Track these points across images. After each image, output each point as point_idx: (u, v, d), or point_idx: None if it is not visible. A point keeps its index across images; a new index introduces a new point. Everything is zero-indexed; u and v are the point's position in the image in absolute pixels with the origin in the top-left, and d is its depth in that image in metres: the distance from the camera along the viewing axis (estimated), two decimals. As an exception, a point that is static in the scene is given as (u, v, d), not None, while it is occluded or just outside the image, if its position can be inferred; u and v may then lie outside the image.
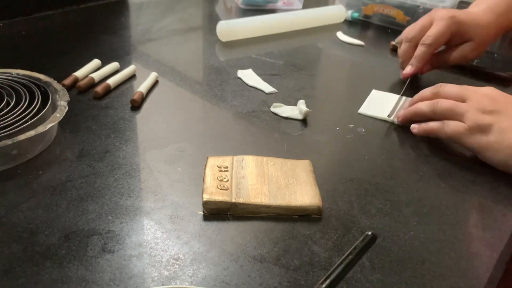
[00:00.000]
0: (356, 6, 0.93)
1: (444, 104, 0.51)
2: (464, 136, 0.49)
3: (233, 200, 0.40)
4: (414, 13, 0.87)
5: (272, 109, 0.58)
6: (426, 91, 0.54)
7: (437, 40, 0.62)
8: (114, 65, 0.64)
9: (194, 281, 0.34)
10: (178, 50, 0.75)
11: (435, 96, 0.53)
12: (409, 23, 0.87)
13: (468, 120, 0.48)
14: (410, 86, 0.63)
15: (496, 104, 0.48)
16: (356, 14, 0.92)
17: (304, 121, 0.56)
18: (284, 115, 0.56)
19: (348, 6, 0.93)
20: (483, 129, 0.47)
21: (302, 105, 0.56)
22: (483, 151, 0.48)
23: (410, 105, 0.55)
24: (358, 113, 0.58)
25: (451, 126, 0.50)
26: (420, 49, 0.63)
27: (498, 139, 0.46)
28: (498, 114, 0.47)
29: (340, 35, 0.84)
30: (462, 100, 0.50)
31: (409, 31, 0.65)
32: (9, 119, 0.46)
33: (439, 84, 0.54)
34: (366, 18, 0.93)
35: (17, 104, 0.48)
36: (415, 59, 0.63)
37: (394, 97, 0.62)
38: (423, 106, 0.53)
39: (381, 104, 0.60)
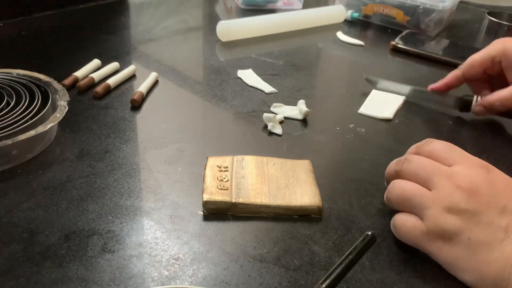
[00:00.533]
0: (356, 6, 0.93)
1: (399, 189, 0.38)
2: (422, 242, 0.36)
3: (233, 200, 0.40)
4: (414, 13, 0.87)
5: (272, 109, 0.58)
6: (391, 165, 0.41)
7: (468, 66, 0.57)
8: (114, 65, 0.64)
9: (194, 281, 0.34)
10: (178, 50, 0.75)
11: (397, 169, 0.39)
12: (409, 23, 0.88)
13: (427, 220, 0.35)
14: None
15: (473, 201, 0.33)
16: (356, 14, 0.92)
17: (304, 121, 0.56)
18: (284, 115, 0.56)
19: (348, 6, 0.93)
20: (446, 236, 0.34)
21: (302, 105, 0.56)
22: (446, 266, 0.35)
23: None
24: (358, 113, 0.58)
25: (404, 226, 0.37)
26: (453, 72, 0.59)
27: (465, 254, 0.33)
28: (471, 217, 0.33)
29: (340, 35, 0.84)
30: (428, 182, 0.36)
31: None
32: (9, 119, 0.46)
33: (420, 147, 0.40)
34: (366, 18, 0.93)
35: (17, 104, 0.48)
36: (443, 79, 0.59)
37: (395, 97, 0.62)
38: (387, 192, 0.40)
39: (382, 104, 0.60)
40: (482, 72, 0.57)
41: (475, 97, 0.57)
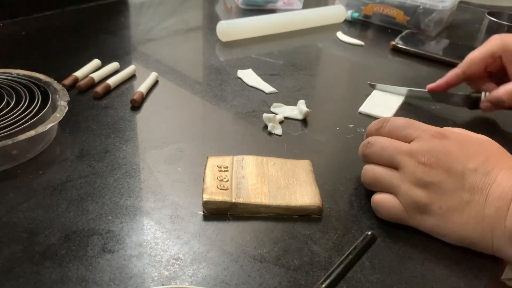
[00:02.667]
0: (356, 6, 0.93)
1: (370, 173, 0.41)
2: (404, 219, 0.39)
3: (233, 200, 0.40)
4: (414, 13, 0.87)
5: (272, 109, 0.58)
6: (369, 131, 0.44)
7: (468, 64, 0.56)
8: (114, 65, 0.64)
9: (194, 281, 0.34)
10: (178, 50, 0.75)
11: (366, 152, 0.42)
12: (409, 23, 0.88)
13: (402, 198, 0.38)
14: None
15: (434, 173, 0.36)
16: (356, 14, 0.92)
17: (304, 121, 0.56)
18: (284, 115, 0.56)
19: (348, 6, 0.93)
20: (421, 209, 0.37)
21: (302, 105, 0.56)
22: (433, 234, 0.38)
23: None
24: (359, 112, 0.58)
25: (384, 205, 0.39)
26: (453, 70, 0.58)
27: (440, 221, 0.37)
28: (436, 188, 0.36)
29: (340, 35, 0.84)
30: (395, 164, 0.39)
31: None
32: (9, 119, 0.46)
33: (382, 121, 0.42)
34: (366, 18, 0.93)
35: (17, 104, 0.48)
36: (443, 78, 0.59)
37: (395, 97, 0.62)
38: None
39: (382, 104, 0.60)
40: (483, 69, 0.56)
41: (483, 93, 0.56)
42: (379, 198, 0.40)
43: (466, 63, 0.57)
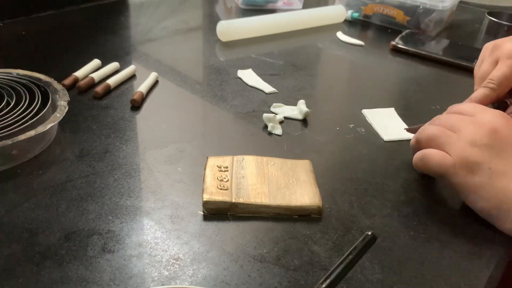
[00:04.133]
0: (356, 6, 0.93)
1: (428, 131, 0.44)
2: (449, 173, 0.40)
3: (233, 200, 0.40)
4: (414, 13, 0.87)
5: (272, 109, 0.58)
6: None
7: (501, 83, 0.50)
8: (114, 65, 0.64)
9: (194, 281, 0.34)
10: (178, 50, 0.75)
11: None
12: (409, 23, 0.88)
13: (453, 154, 0.40)
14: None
15: (494, 137, 0.39)
16: (356, 14, 0.92)
17: (304, 121, 0.56)
18: (284, 115, 0.56)
19: (348, 6, 0.93)
20: (469, 167, 0.39)
21: (302, 105, 0.56)
22: (466, 194, 0.40)
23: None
24: (361, 113, 0.58)
25: (436, 158, 0.41)
26: (480, 91, 0.50)
27: (484, 183, 0.38)
28: (492, 151, 0.38)
29: (340, 35, 0.84)
30: (454, 129, 0.42)
31: (477, 72, 0.54)
32: (9, 119, 0.46)
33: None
34: (366, 18, 0.93)
35: (17, 104, 0.48)
36: (470, 100, 0.51)
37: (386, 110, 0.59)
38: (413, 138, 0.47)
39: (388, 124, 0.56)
40: None
41: (508, 101, 0.52)
42: (429, 151, 0.42)
43: (500, 84, 0.50)
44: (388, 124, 0.56)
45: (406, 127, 0.55)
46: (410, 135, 0.51)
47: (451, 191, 0.45)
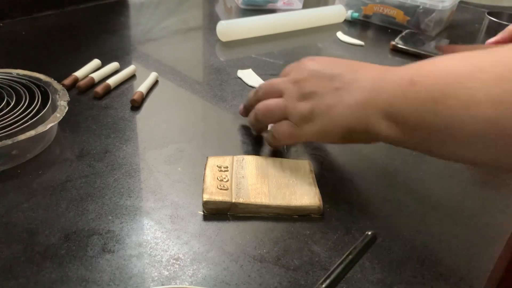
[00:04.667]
0: (356, 6, 0.93)
1: (260, 109, 0.46)
2: (298, 135, 0.43)
3: (233, 200, 0.40)
4: (414, 13, 0.87)
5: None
6: (249, 98, 0.50)
7: None
8: (114, 65, 0.64)
9: (194, 281, 0.34)
10: (178, 50, 0.75)
11: (257, 101, 0.47)
12: (409, 23, 0.88)
13: (291, 116, 0.43)
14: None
15: (309, 84, 0.42)
16: (356, 14, 0.92)
17: (304, 121, 0.56)
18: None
19: (348, 6, 0.93)
20: (307, 118, 0.42)
21: (302, 105, 0.56)
22: (322, 135, 0.42)
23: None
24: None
25: (280, 131, 0.44)
26: (509, 27, 0.59)
27: (326, 120, 0.41)
28: (314, 95, 0.42)
29: (340, 35, 0.84)
30: (280, 93, 0.44)
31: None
32: (9, 119, 0.46)
33: (259, 85, 0.49)
34: (366, 18, 0.93)
35: (17, 104, 0.48)
36: (501, 33, 0.60)
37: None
38: (250, 118, 0.48)
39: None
40: None
41: None
42: (277, 127, 0.44)
43: None
44: None
45: None
46: None
47: (451, 191, 0.45)
